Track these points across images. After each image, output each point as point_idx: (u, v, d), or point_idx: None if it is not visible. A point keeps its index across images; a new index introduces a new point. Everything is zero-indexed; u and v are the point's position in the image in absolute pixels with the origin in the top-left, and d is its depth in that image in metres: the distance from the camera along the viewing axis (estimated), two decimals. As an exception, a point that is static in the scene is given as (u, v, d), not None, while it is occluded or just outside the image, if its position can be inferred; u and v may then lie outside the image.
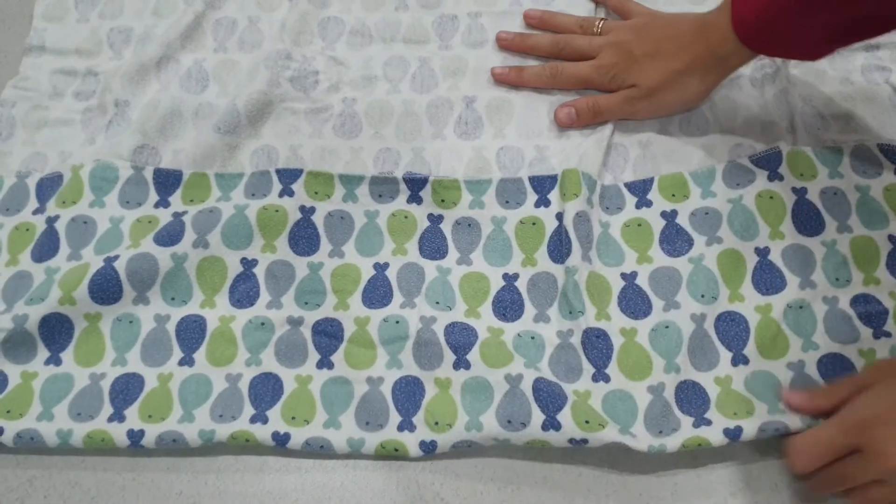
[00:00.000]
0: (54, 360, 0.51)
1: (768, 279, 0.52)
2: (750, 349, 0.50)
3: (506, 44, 0.63)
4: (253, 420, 0.49)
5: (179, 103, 0.61)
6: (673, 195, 0.56)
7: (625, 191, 0.57)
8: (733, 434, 0.47)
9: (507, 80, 0.61)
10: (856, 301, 0.51)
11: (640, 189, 0.57)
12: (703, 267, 0.53)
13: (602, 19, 0.62)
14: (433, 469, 0.49)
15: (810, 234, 0.54)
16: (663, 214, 0.55)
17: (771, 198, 0.54)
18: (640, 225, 0.55)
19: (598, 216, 0.55)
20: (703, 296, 0.52)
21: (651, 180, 0.57)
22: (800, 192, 0.55)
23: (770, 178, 0.55)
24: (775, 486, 0.48)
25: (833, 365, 0.49)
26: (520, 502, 0.48)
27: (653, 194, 0.56)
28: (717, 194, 0.56)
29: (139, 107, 0.61)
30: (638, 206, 0.56)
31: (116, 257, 0.52)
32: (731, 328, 0.51)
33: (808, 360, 0.50)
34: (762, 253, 0.53)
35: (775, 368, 0.50)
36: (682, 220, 0.55)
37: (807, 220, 0.54)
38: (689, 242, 0.54)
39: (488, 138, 0.59)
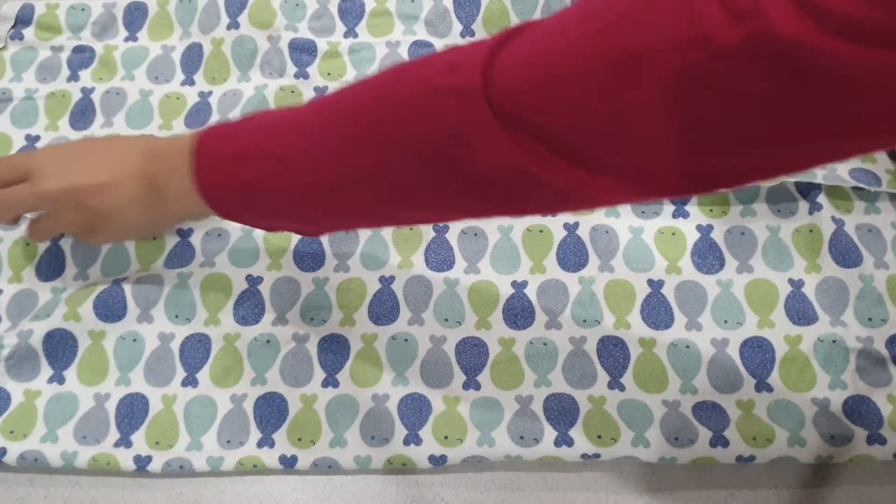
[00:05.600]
0: (58, 378, 0.51)
1: (801, 309, 0.51)
2: (774, 378, 0.49)
3: None
4: (260, 444, 0.48)
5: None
6: (711, 210, 0.55)
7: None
8: (745, 460, 0.47)
9: None
10: (892, 342, 0.49)
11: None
12: (731, 294, 0.52)
13: None
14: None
15: (848, 265, 0.52)
16: (699, 228, 0.54)
17: (810, 231, 0.53)
18: (674, 234, 0.54)
19: (628, 222, 0.54)
20: (726, 321, 0.51)
21: None
22: (839, 223, 0.53)
23: (811, 211, 0.54)
24: (775, 486, 0.48)
25: (859, 408, 0.48)
26: (520, 503, 0.48)
27: (691, 206, 0.55)
28: (757, 213, 0.54)
29: None
30: (675, 216, 0.55)
31: (125, 279, 0.52)
32: (757, 355, 0.50)
33: (835, 399, 0.48)
34: (796, 284, 0.52)
35: (800, 401, 0.48)
36: (717, 236, 0.54)
37: (846, 251, 0.52)
38: (721, 261, 0.53)
39: None
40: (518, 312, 0.52)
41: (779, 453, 0.46)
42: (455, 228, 0.55)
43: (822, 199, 0.53)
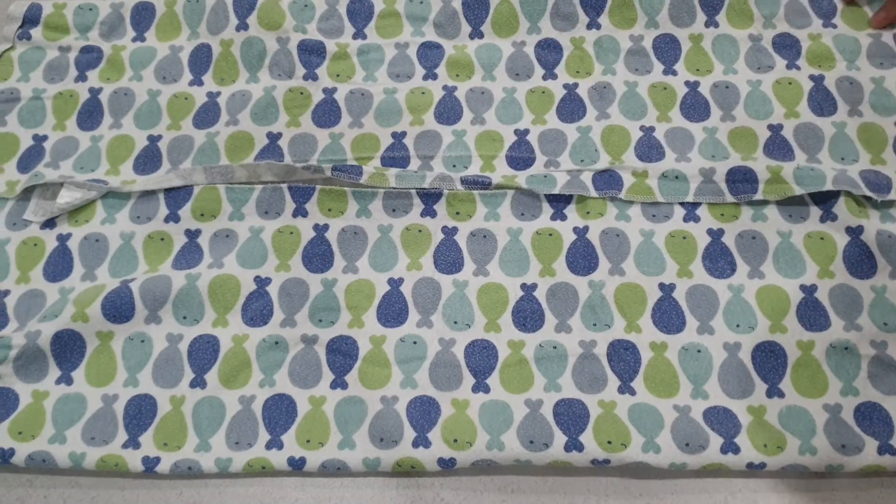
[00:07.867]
0: (66, 379, 0.50)
1: (813, 316, 0.51)
2: (786, 384, 0.49)
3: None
4: (269, 446, 0.48)
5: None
6: (722, 214, 0.54)
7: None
8: (755, 467, 0.47)
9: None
10: None
11: (691, 202, 0.55)
12: (742, 299, 0.52)
13: None
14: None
15: (861, 276, 0.51)
16: (710, 232, 0.54)
17: (822, 239, 0.53)
18: (684, 238, 0.54)
19: (639, 225, 0.54)
20: (738, 325, 0.51)
21: None
22: (854, 233, 0.53)
23: (823, 220, 0.53)
24: (775, 487, 0.48)
25: (871, 414, 0.48)
26: (520, 503, 0.48)
27: (701, 210, 0.55)
28: (768, 218, 0.54)
29: None
30: (686, 220, 0.55)
31: (133, 279, 0.52)
32: (769, 360, 0.50)
33: (846, 406, 0.48)
34: (809, 290, 0.52)
35: (811, 407, 0.48)
36: (728, 241, 0.53)
37: (858, 262, 0.52)
38: (732, 266, 0.53)
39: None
40: (527, 315, 0.52)
41: (790, 461, 0.46)
42: (464, 231, 0.55)
43: (836, 209, 0.53)
